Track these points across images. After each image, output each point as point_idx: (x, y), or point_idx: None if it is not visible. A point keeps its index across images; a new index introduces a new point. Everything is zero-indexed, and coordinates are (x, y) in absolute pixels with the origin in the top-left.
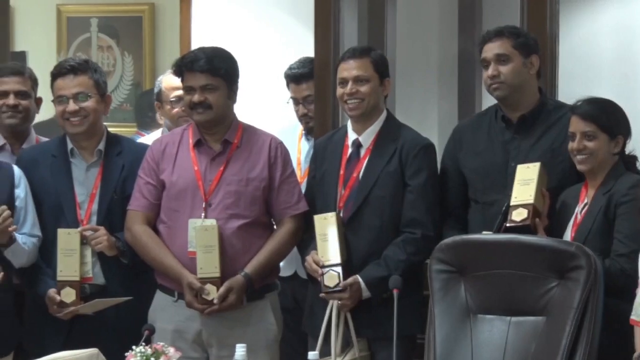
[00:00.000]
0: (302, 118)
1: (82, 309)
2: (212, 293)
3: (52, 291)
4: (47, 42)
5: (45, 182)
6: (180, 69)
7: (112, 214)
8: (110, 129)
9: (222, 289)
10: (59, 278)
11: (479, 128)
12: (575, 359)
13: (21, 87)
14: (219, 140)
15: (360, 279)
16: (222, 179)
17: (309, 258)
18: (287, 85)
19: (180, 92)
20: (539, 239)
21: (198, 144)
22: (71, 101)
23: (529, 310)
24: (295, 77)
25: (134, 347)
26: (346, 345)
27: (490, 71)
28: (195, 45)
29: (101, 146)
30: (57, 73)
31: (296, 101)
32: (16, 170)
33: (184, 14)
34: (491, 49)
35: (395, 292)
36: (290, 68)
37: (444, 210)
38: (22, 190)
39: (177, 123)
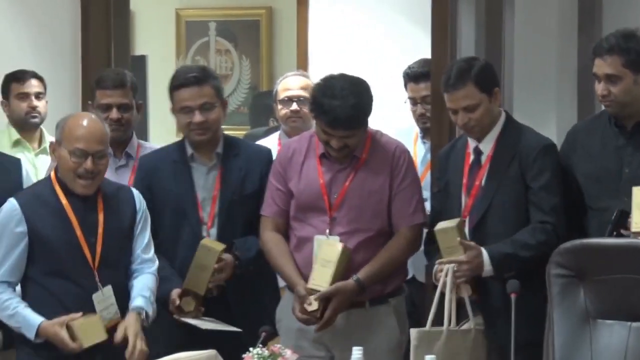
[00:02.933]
0: (420, 118)
1: (195, 321)
2: (314, 305)
3: (175, 293)
4: (167, 46)
5: (167, 187)
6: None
7: (233, 214)
8: (226, 132)
9: (323, 294)
10: (185, 286)
11: (593, 131)
12: None
13: (123, 100)
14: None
15: (484, 250)
16: (346, 193)
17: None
18: (405, 85)
19: (290, 93)
20: None
21: (324, 155)
22: (197, 112)
23: None
24: (415, 76)
25: (251, 348)
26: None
27: (600, 90)
28: (312, 48)
29: (219, 149)
30: (181, 84)
31: (414, 101)
32: (135, 193)
33: (301, 17)
34: (601, 67)
35: (512, 296)
36: (409, 67)
37: None
38: (142, 214)
39: (286, 124)
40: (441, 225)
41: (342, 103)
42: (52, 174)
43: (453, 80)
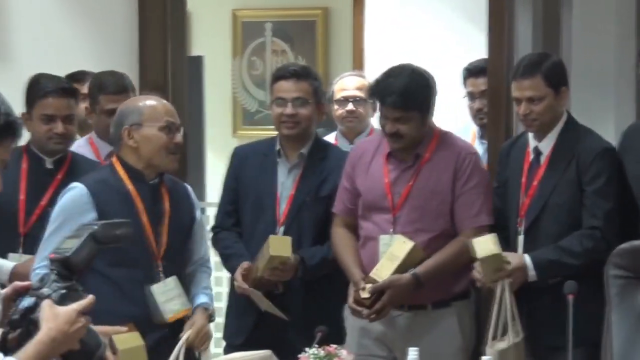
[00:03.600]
0: (477, 114)
1: (255, 295)
2: (365, 293)
3: (245, 264)
4: (223, 47)
5: (252, 178)
6: (374, 94)
7: (302, 215)
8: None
9: (377, 286)
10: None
11: None
12: None
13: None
14: (412, 152)
15: (526, 258)
16: (410, 193)
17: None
18: (464, 80)
19: (346, 93)
20: None
21: (391, 154)
22: (290, 104)
23: None
24: (476, 70)
25: (307, 348)
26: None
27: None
28: (368, 48)
29: (305, 150)
30: (280, 76)
31: (472, 96)
32: (190, 190)
33: (357, 17)
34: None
35: (570, 297)
36: (470, 63)
37: None
38: (198, 211)
39: (342, 124)
40: (482, 252)
41: (395, 81)
42: (115, 159)
43: (522, 70)
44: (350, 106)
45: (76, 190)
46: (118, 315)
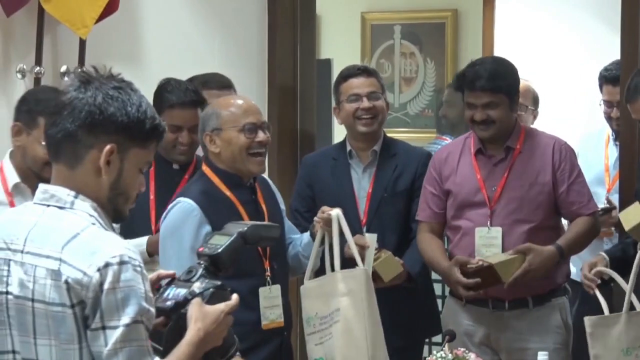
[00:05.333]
0: (615, 121)
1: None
2: (473, 263)
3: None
4: (352, 50)
5: (327, 183)
6: (460, 86)
7: (382, 211)
8: (412, 135)
9: (517, 248)
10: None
11: None
12: None
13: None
14: (500, 147)
15: None
16: (505, 185)
17: None
18: (601, 86)
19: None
20: None
21: (479, 152)
22: (365, 99)
23: None
24: (612, 78)
25: (434, 351)
26: None
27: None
28: (498, 51)
29: (377, 147)
30: (349, 75)
31: (609, 104)
32: (269, 180)
33: (487, 19)
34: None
35: None
36: (605, 69)
37: None
38: (281, 200)
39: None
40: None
41: (481, 67)
42: (204, 167)
43: (631, 92)
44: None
45: (186, 206)
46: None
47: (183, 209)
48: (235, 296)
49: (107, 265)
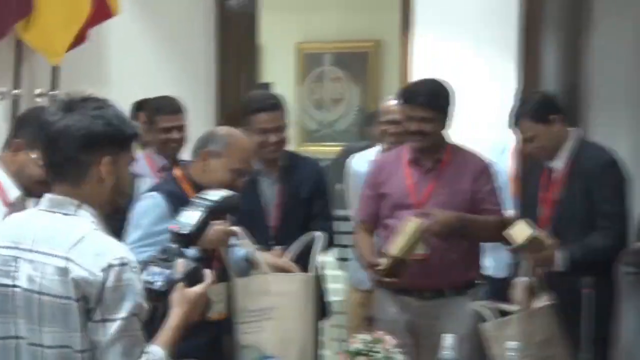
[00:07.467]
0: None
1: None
2: (383, 263)
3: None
4: (288, 74)
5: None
6: (401, 99)
7: (289, 216)
8: (338, 148)
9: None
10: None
11: None
12: None
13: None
14: (431, 158)
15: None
16: (433, 190)
17: None
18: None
19: (389, 117)
20: None
21: (412, 162)
22: (272, 135)
23: None
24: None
25: (356, 334)
26: None
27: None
28: (415, 77)
29: (282, 163)
30: (259, 108)
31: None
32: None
33: (405, 48)
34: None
35: (586, 291)
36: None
37: None
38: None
39: (381, 139)
40: (521, 237)
41: (420, 85)
42: (179, 172)
43: (511, 119)
44: (393, 128)
45: (156, 199)
46: None
47: (153, 202)
48: (208, 272)
49: (110, 266)
